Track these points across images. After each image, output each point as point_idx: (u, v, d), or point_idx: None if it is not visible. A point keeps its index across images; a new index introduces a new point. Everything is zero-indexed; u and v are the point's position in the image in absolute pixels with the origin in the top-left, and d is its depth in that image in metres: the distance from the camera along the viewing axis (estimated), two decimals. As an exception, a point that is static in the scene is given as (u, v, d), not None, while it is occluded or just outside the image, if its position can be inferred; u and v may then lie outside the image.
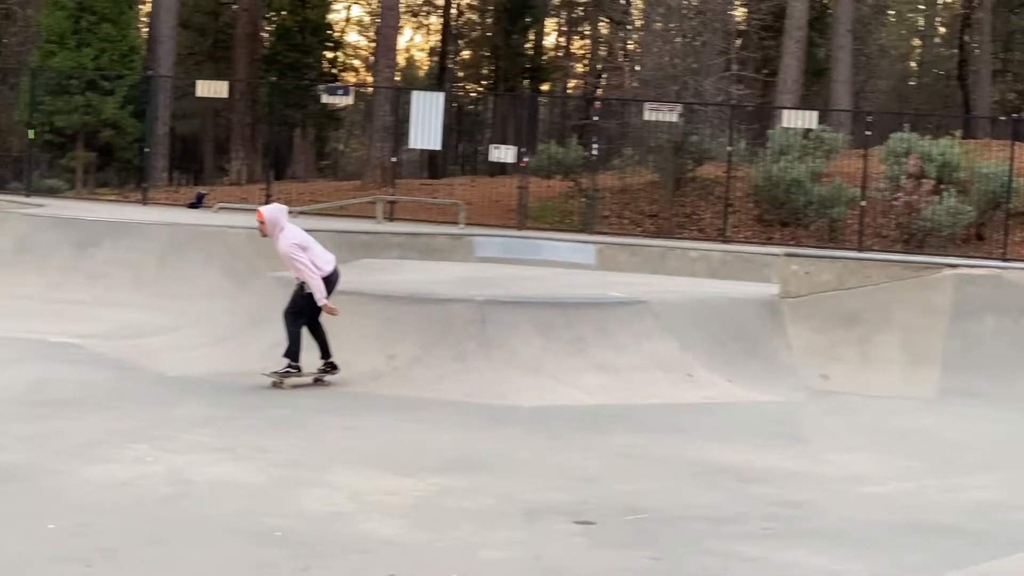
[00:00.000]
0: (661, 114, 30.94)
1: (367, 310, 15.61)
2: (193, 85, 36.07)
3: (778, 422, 13.97)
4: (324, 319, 14.43)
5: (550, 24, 57.30)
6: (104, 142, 37.64)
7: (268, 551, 8.28)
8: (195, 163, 47.88)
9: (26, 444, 10.94)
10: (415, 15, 62.18)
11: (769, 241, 29.66)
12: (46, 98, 37.06)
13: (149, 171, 36.32)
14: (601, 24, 58.95)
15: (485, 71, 55.81)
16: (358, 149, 57.23)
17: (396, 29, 44.87)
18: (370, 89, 44.80)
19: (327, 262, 14.39)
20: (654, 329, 15.78)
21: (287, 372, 14.20)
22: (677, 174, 33.07)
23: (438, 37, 61.41)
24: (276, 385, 14.12)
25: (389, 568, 8.03)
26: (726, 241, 29.14)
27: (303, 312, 14.31)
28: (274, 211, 14.46)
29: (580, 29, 61.25)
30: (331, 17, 51.58)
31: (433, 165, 48.73)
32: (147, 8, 46.38)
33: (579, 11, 59.18)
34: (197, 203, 32.77)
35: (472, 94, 53.74)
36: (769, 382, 15.93)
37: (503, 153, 32.88)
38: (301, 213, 30.54)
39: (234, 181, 42.80)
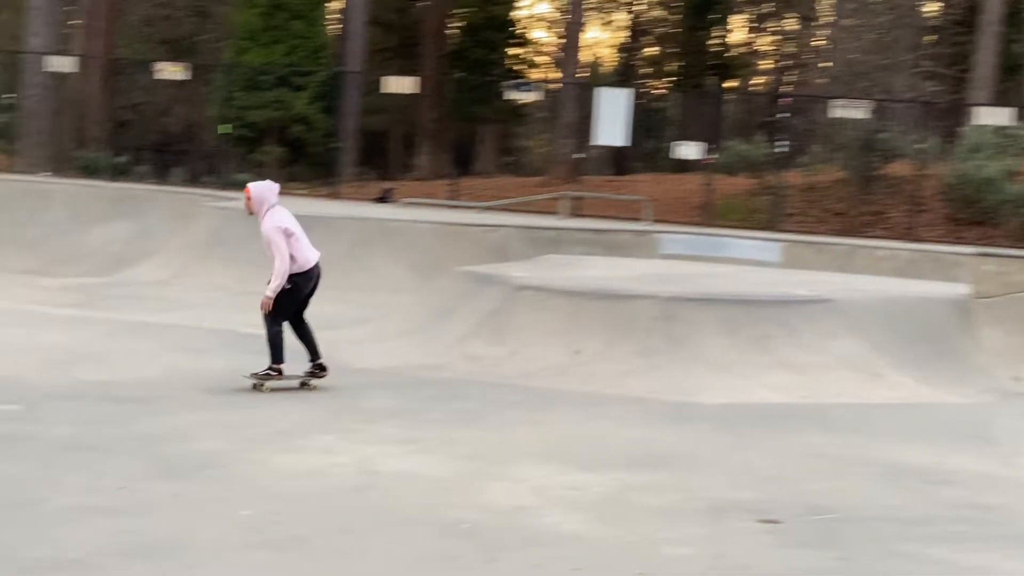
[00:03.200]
0: (850, 111, 30.53)
1: (552, 305, 15.66)
2: (380, 81, 36.51)
3: (968, 424, 13.70)
4: (307, 316, 13.73)
5: (737, 20, 56.85)
6: (294, 137, 38.30)
7: (454, 543, 8.37)
8: (382, 158, 48.47)
9: (220, 433, 11.20)
10: (601, 11, 62.15)
11: (960, 240, 29.03)
12: (239, 94, 37.87)
13: (338, 166, 36.88)
14: (788, 20, 58.34)
15: (670, 67, 55.56)
16: (542, 145, 57.37)
17: (581, 25, 44.93)
18: (556, 85, 44.92)
19: (309, 257, 13.53)
20: (841, 328, 15.58)
21: (267, 374, 13.30)
22: (865, 171, 32.59)
23: (624, 33, 61.34)
24: (256, 388, 13.23)
25: (572, 562, 8.06)
26: (915, 240, 28.62)
27: (285, 310, 13.45)
28: (262, 188, 13.55)
29: (767, 25, 60.67)
30: (516, 14, 51.79)
31: (618, 161, 48.66)
32: (336, 4, 47.06)
33: (767, 7, 58.62)
34: (384, 198, 33.16)
35: (657, 90, 53.54)
36: (959, 383, 15.62)
37: (688, 150, 32.71)
38: (488, 208, 30.77)
39: (420, 176, 43.24)
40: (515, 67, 50.10)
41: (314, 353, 13.64)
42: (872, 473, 11.03)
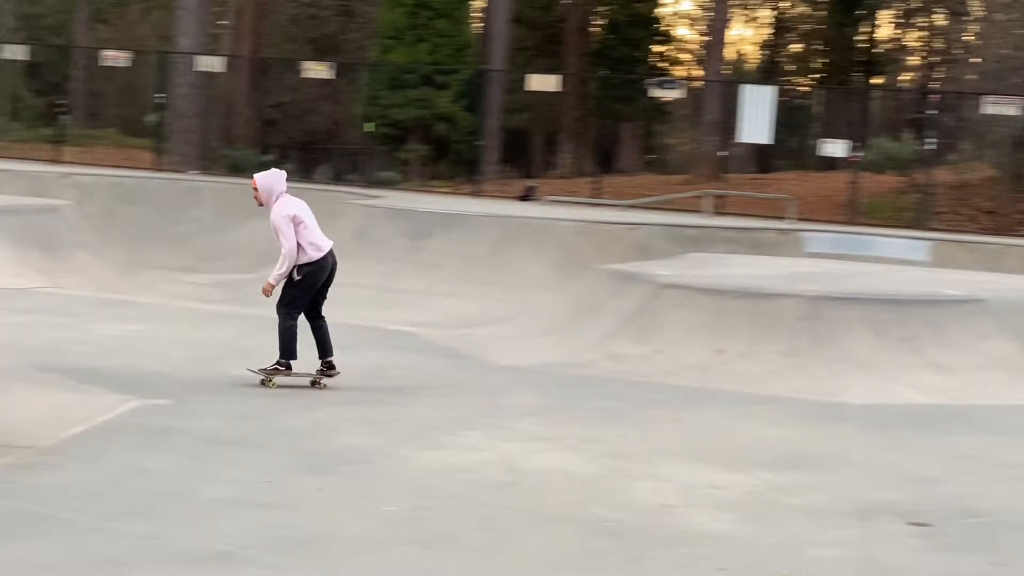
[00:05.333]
0: (1001, 107, 29.96)
1: (696, 304, 15.56)
2: (523, 79, 36.60)
3: (1125, 428, 13.36)
4: (325, 312, 13.23)
5: (884, 16, 56.07)
6: (437, 135, 38.51)
7: (598, 540, 8.35)
8: (524, 156, 48.60)
9: (367, 428, 11.29)
10: (745, 8, 61.71)
11: (1116, 240, 28.35)
12: (383, 92, 38.19)
13: (481, 164, 37.02)
14: (938, 15, 57.42)
15: (815, 64, 55.00)
16: (685, 143, 57.13)
17: (725, 23, 44.65)
18: (699, 82, 44.67)
19: (321, 246, 12.94)
20: (992, 328, 15.26)
21: (275, 369, 12.94)
22: (1017, 169, 31.97)
23: (768, 30, 60.83)
24: (264, 383, 12.86)
25: (718, 562, 7.99)
26: (1069, 239, 28.00)
27: (299, 303, 12.99)
28: (268, 178, 13.06)
29: (915, 20, 59.77)
30: (660, 11, 51.58)
31: (761, 159, 48.30)
32: (479, 3, 47.26)
33: (915, 2, 57.75)
34: (527, 196, 33.20)
35: (801, 87, 53.02)
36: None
37: (833, 147, 32.36)
38: (631, 206, 30.70)
39: (562, 174, 43.26)
40: (658, 64, 49.91)
41: (324, 351, 13.14)
42: (1025, 476, 10.82)
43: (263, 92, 42.39)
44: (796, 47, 59.55)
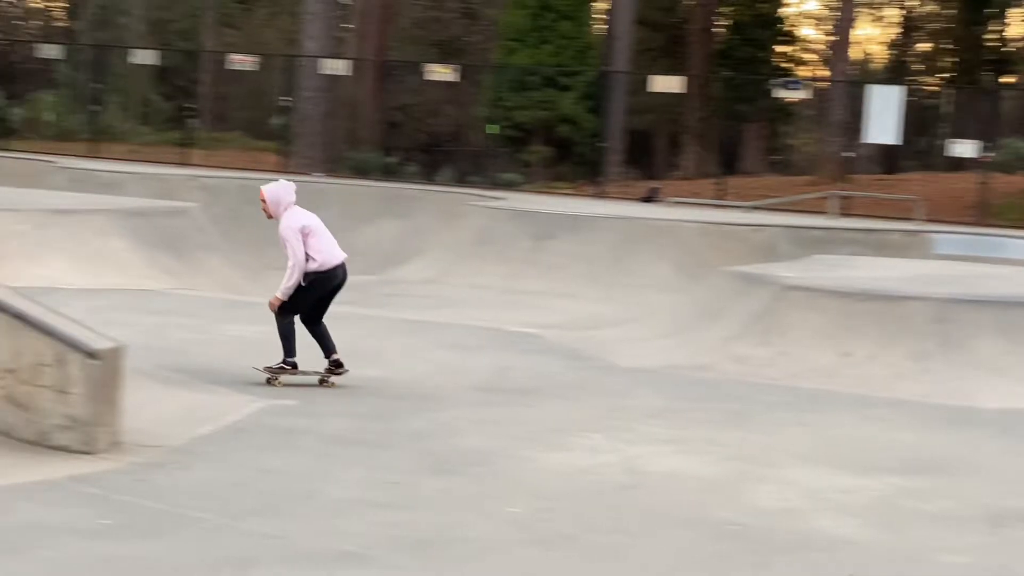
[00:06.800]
0: None
1: (822, 306, 15.38)
2: (647, 81, 36.50)
3: None
4: (327, 318, 13.19)
5: (1016, 13, 55.17)
6: (560, 137, 38.52)
7: (723, 544, 8.29)
8: (647, 158, 48.45)
9: (490, 430, 11.31)
10: (871, 7, 61.04)
11: None
12: (506, 94, 38.28)
13: (604, 165, 36.96)
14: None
15: (944, 63, 54.26)
16: (810, 144, 56.62)
17: (851, 22, 44.21)
18: (824, 83, 44.25)
19: (334, 254, 13.09)
20: None
21: (281, 368, 12.77)
22: None
23: (895, 29, 60.12)
24: (270, 382, 12.70)
25: (845, 567, 7.91)
26: None
27: (297, 306, 12.85)
28: (276, 190, 13.06)
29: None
30: (784, 11, 51.20)
31: (887, 160, 47.74)
32: (603, 4, 47.21)
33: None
34: (650, 197, 33.06)
35: (929, 87, 52.34)
36: None
37: (962, 147, 31.89)
38: (755, 208, 30.48)
39: (686, 176, 43.08)
40: (783, 65, 49.55)
41: (327, 350, 13.01)
42: None
43: (387, 95, 42.68)
44: (924, 46, 58.79)
